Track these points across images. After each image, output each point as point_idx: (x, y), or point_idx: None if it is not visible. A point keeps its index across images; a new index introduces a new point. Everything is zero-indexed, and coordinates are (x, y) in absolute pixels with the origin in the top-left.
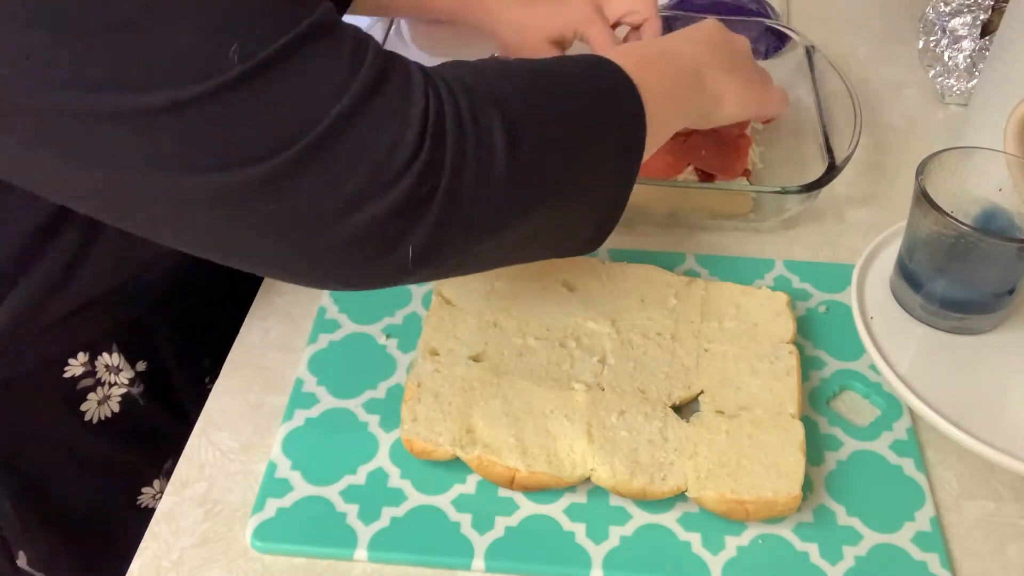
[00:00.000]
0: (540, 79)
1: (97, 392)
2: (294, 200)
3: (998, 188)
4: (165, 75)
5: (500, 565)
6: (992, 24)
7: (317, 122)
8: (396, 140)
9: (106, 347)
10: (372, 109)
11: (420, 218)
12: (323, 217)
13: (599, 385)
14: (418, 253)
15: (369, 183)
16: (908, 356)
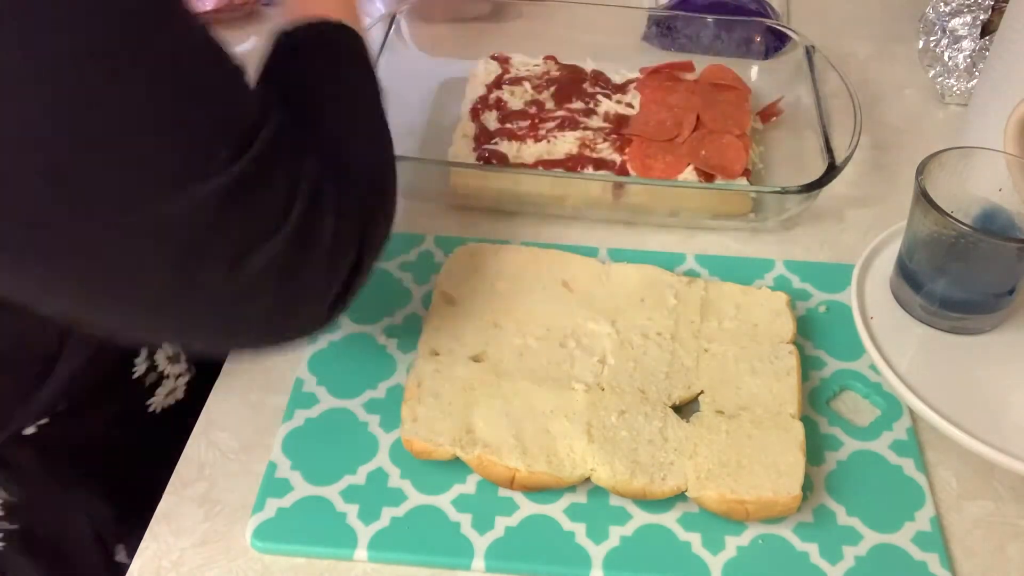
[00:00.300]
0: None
1: (164, 385)
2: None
3: (998, 188)
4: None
5: (500, 565)
6: (992, 24)
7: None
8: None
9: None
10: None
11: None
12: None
13: (599, 385)
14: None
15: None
16: (908, 356)
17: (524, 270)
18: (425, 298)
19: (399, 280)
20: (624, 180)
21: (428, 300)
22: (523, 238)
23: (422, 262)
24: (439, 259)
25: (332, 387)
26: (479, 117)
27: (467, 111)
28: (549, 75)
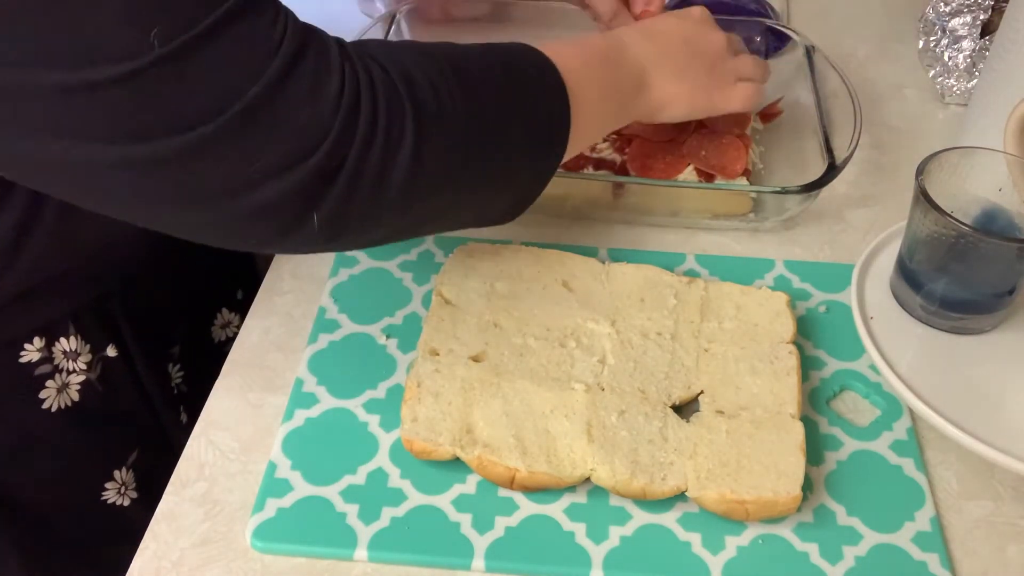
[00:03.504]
0: (460, 69)
1: (56, 379)
2: (206, 173)
3: (998, 188)
4: (86, 56)
5: (500, 565)
6: (992, 24)
7: (233, 102)
8: (309, 119)
9: (63, 331)
10: (287, 90)
11: (326, 191)
12: (235, 188)
13: (599, 385)
14: (324, 224)
15: (280, 159)
16: (908, 356)
17: (524, 270)
18: (425, 298)
19: (399, 280)
20: (624, 180)
21: (428, 300)
22: (523, 238)
23: (422, 262)
24: (439, 259)
25: (332, 387)
26: None
27: None
28: None
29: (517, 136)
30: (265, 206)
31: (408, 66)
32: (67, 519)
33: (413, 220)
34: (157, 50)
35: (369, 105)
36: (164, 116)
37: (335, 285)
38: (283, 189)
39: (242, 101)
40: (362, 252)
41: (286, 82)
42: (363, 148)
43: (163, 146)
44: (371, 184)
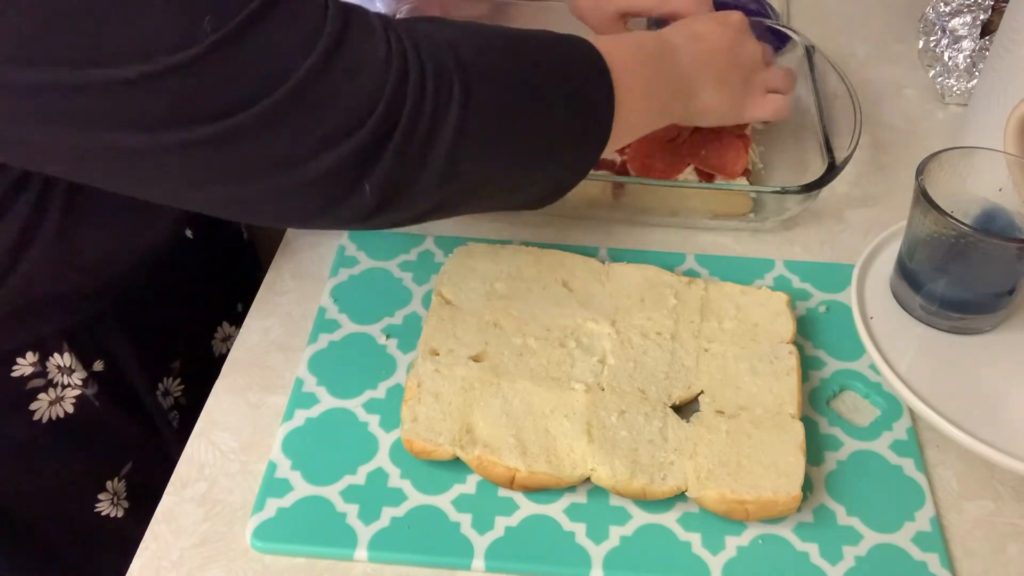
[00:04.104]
0: (510, 47)
1: (49, 393)
2: (266, 147)
3: (998, 188)
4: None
5: (500, 565)
6: (992, 24)
7: (287, 77)
8: (361, 87)
9: (56, 347)
10: (337, 61)
11: (379, 158)
12: (292, 160)
13: (599, 385)
14: (376, 192)
15: (337, 128)
16: (908, 356)
17: (524, 270)
18: (425, 298)
19: (399, 280)
20: (624, 180)
21: (428, 300)
22: (523, 238)
23: (422, 262)
24: (439, 259)
25: (332, 387)
26: None
27: None
28: None
29: (560, 115)
30: (323, 175)
31: (455, 36)
32: (60, 530)
33: (458, 191)
34: (210, 36)
35: (417, 71)
36: (222, 98)
37: (335, 285)
38: (340, 157)
39: (296, 75)
40: (362, 252)
41: (336, 54)
42: (413, 112)
43: (223, 126)
44: (420, 148)
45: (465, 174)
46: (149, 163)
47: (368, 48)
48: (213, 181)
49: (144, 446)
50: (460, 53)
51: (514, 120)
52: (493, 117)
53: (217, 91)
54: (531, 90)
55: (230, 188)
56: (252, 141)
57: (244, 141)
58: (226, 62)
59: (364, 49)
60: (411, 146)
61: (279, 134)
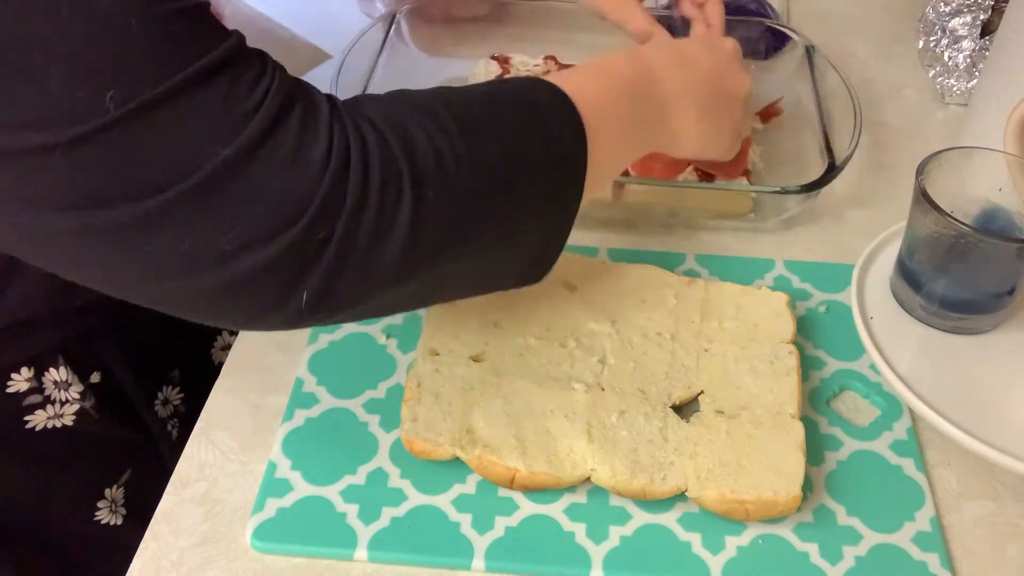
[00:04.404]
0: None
1: (47, 410)
2: (174, 241)
3: (998, 188)
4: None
5: (500, 565)
6: (992, 24)
7: (199, 166)
8: (289, 186)
9: (52, 362)
10: (263, 154)
11: (312, 264)
12: (207, 259)
13: (599, 385)
14: (312, 300)
15: (256, 229)
16: (908, 356)
17: None
18: None
19: None
20: (624, 180)
21: None
22: None
23: None
24: None
25: (332, 387)
26: None
27: None
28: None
29: (528, 190)
30: (242, 280)
31: (406, 124)
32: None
33: (413, 292)
34: (112, 112)
35: (360, 171)
36: (121, 181)
37: None
38: (260, 262)
39: (209, 166)
40: None
41: (263, 146)
42: (353, 218)
43: (121, 212)
44: (363, 257)
45: (419, 278)
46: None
47: (304, 144)
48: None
49: (143, 455)
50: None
51: (477, 212)
52: (451, 216)
53: (113, 174)
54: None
55: (146, 284)
56: (159, 235)
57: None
58: (126, 142)
59: (298, 145)
60: (351, 253)
61: (191, 229)
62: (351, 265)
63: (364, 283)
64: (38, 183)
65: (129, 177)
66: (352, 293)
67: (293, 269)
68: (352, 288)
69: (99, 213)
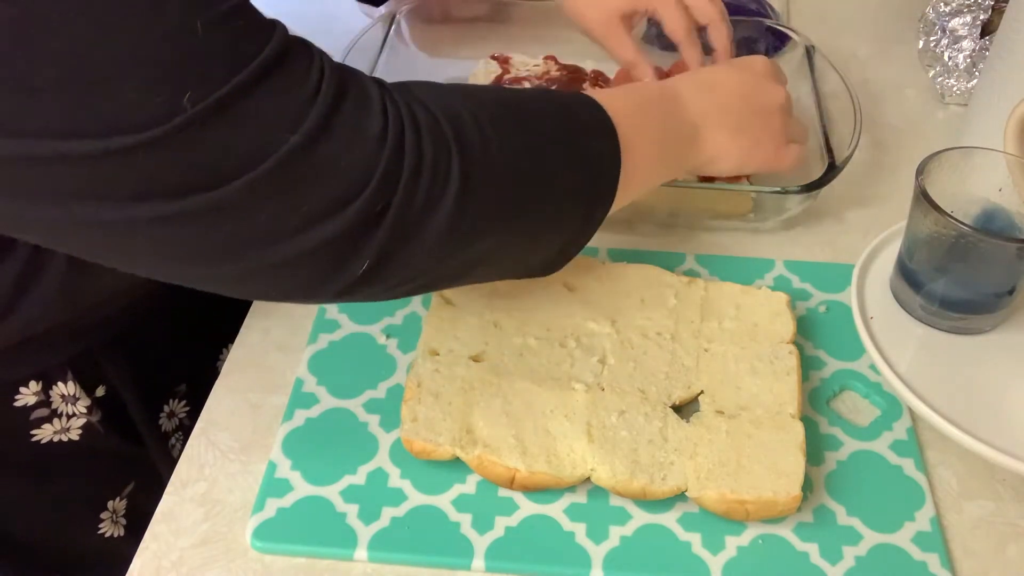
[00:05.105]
0: (509, 111)
1: (54, 424)
2: (249, 222)
3: (998, 188)
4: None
5: (500, 565)
6: (992, 24)
7: (272, 153)
8: (352, 163)
9: (60, 376)
10: (327, 136)
11: (372, 235)
12: (278, 236)
13: (599, 385)
14: (367, 269)
15: (325, 205)
16: (908, 356)
17: None
18: (425, 298)
19: None
20: None
21: (428, 300)
22: None
23: None
24: None
25: (332, 387)
26: None
27: None
28: (549, 75)
29: (566, 180)
30: (309, 252)
31: (454, 105)
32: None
33: (456, 266)
34: (190, 111)
35: (413, 145)
36: (198, 173)
37: None
38: (327, 235)
39: (280, 152)
40: None
41: (326, 128)
42: (408, 190)
43: (197, 201)
44: (414, 228)
45: (463, 251)
46: (125, 238)
47: (362, 123)
48: (195, 257)
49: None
50: (461, 124)
51: (517, 192)
52: (494, 192)
53: (190, 167)
54: (536, 159)
55: (214, 265)
56: (233, 218)
57: (224, 217)
58: (202, 137)
59: (357, 124)
60: (406, 223)
61: (262, 210)
62: (405, 235)
63: (413, 254)
64: (120, 181)
65: (206, 169)
66: (402, 263)
67: (355, 240)
68: (403, 258)
69: (178, 203)
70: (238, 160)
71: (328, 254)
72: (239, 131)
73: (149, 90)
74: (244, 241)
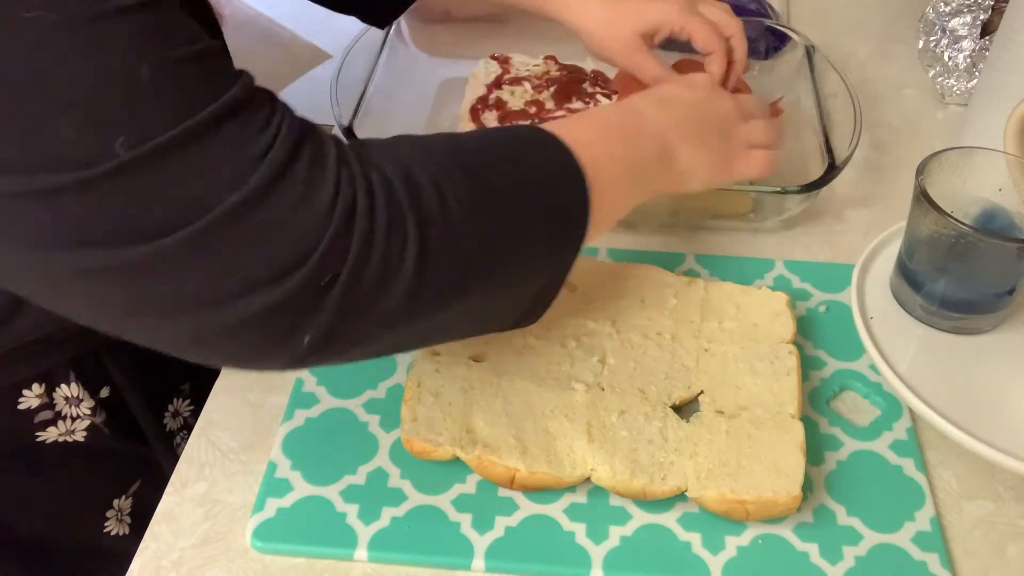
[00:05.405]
0: (470, 168)
1: (59, 426)
2: (179, 283)
3: (998, 188)
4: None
5: (500, 565)
6: (992, 24)
7: (209, 210)
8: (296, 230)
9: (63, 378)
10: (272, 199)
11: (316, 309)
12: (210, 301)
13: (599, 385)
14: (315, 342)
15: (264, 272)
16: (908, 356)
17: None
18: None
19: None
20: None
21: None
22: None
23: None
24: None
25: (332, 387)
26: (479, 117)
27: (466, 111)
28: (549, 75)
29: (533, 231)
30: (245, 322)
31: (411, 168)
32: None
33: (417, 333)
34: (121, 156)
35: (366, 215)
36: (128, 224)
37: None
38: (266, 304)
39: (217, 210)
40: None
41: (272, 190)
42: (359, 262)
43: (128, 254)
44: (367, 301)
45: (424, 322)
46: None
47: (312, 188)
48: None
49: (152, 466)
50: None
51: (482, 254)
52: (455, 264)
53: (117, 217)
54: (499, 216)
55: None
56: (162, 277)
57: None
58: (133, 186)
59: (307, 188)
60: (356, 296)
61: (195, 272)
62: (355, 309)
63: (368, 326)
64: (46, 224)
65: (136, 221)
66: (355, 336)
67: (297, 312)
68: (356, 331)
69: (105, 254)
70: (171, 214)
71: (268, 324)
72: (175, 183)
73: (82, 130)
74: (175, 303)
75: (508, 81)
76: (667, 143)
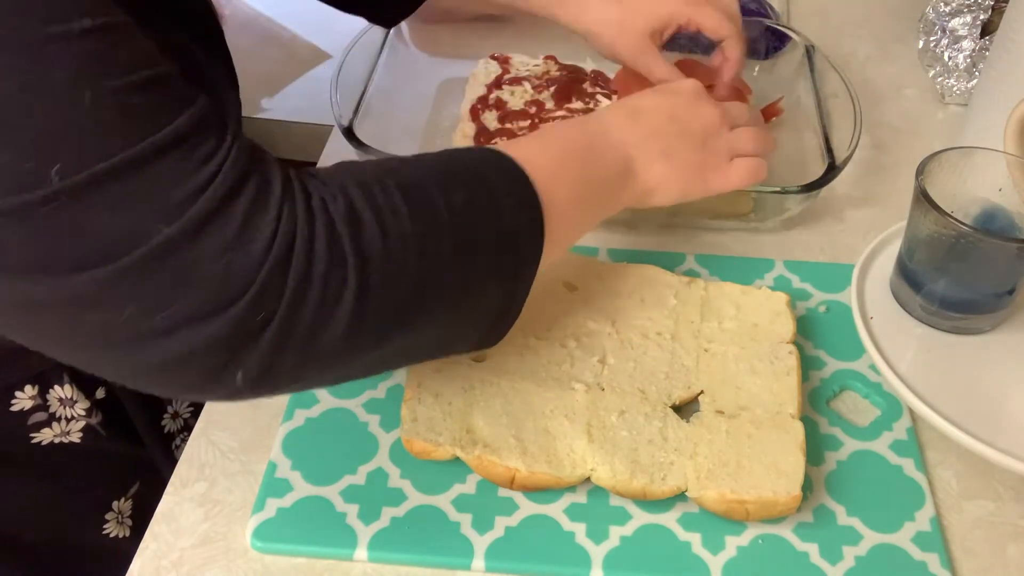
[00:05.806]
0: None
1: (53, 428)
2: (111, 315)
3: (998, 188)
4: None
5: (500, 565)
6: (992, 24)
7: (141, 243)
8: (229, 268)
9: (57, 379)
10: (206, 234)
11: (249, 347)
12: (142, 335)
13: (599, 385)
14: (251, 377)
15: (196, 309)
16: (908, 356)
17: None
18: None
19: None
20: None
21: None
22: None
23: None
24: None
25: (332, 387)
26: (479, 117)
27: (466, 111)
28: (549, 75)
29: (480, 262)
30: (178, 357)
31: (354, 204)
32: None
33: (362, 365)
34: (56, 184)
35: (303, 256)
36: (63, 253)
37: None
38: (196, 341)
39: (149, 244)
40: None
41: (207, 226)
42: (294, 302)
43: (61, 284)
44: (304, 339)
45: (366, 356)
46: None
47: (250, 223)
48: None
49: (151, 468)
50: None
51: (426, 289)
52: (397, 299)
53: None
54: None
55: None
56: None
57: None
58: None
59: (245, 224)
60: (291, 336)
61: (126, 305)
62: (291, 347)
63: (306, 363)
64: None
65: (68, 250)
66: (293, 372)
67: (228, 349)
68: (293, 368)
69: (39, 283)
70: (103, 246)
71: (200, 361)
72: (109, 214)
73: (19, 156)
74: (108, 338)
75: (508, 81)
76: (629, 160)
